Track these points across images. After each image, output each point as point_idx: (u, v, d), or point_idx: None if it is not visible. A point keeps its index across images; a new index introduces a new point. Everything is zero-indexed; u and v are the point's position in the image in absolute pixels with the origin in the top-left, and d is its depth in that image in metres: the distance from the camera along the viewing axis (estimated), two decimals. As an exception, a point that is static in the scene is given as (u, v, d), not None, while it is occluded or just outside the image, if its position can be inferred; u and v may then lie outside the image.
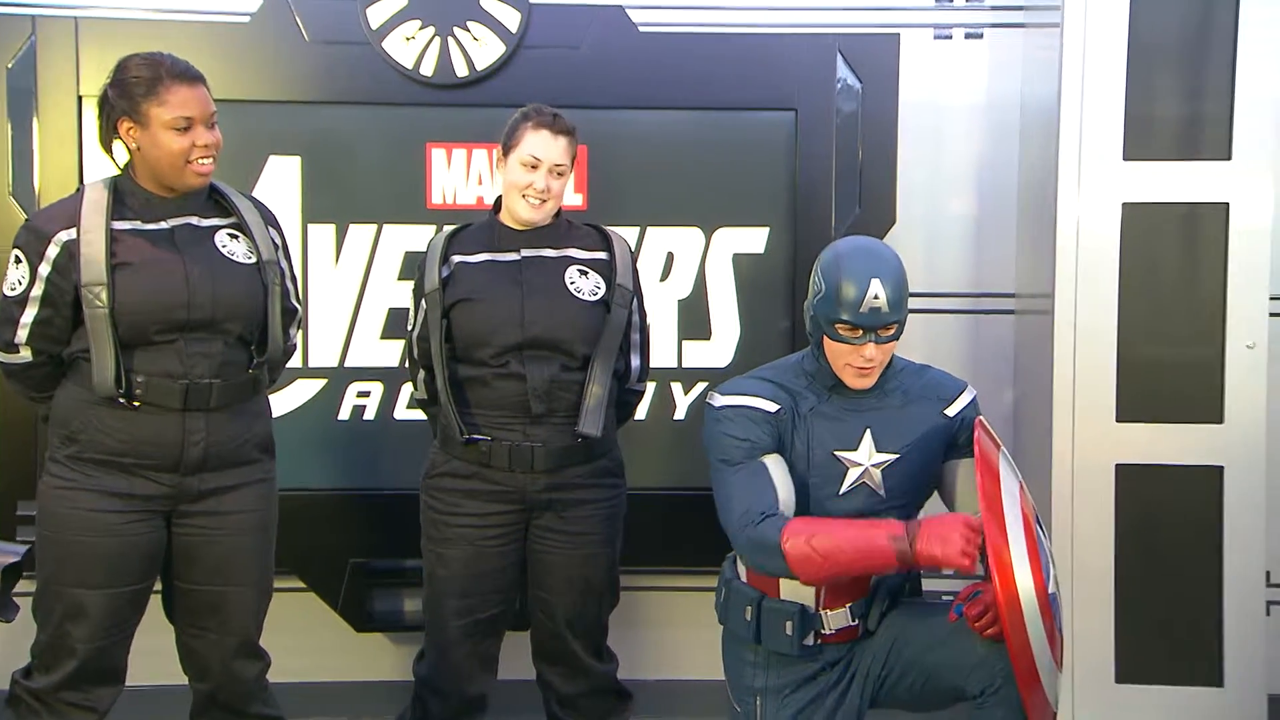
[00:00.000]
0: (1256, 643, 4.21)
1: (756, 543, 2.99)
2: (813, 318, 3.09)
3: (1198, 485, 4.20)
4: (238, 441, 3.30)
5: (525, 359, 3.43)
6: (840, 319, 3.01)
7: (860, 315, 3.00)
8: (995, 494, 2.94)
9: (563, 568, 3.49)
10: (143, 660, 3.41)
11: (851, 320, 3.01)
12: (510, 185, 3.47)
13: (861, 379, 3.09)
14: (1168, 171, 4.20)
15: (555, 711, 3.58)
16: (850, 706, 3.21)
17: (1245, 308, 4.18)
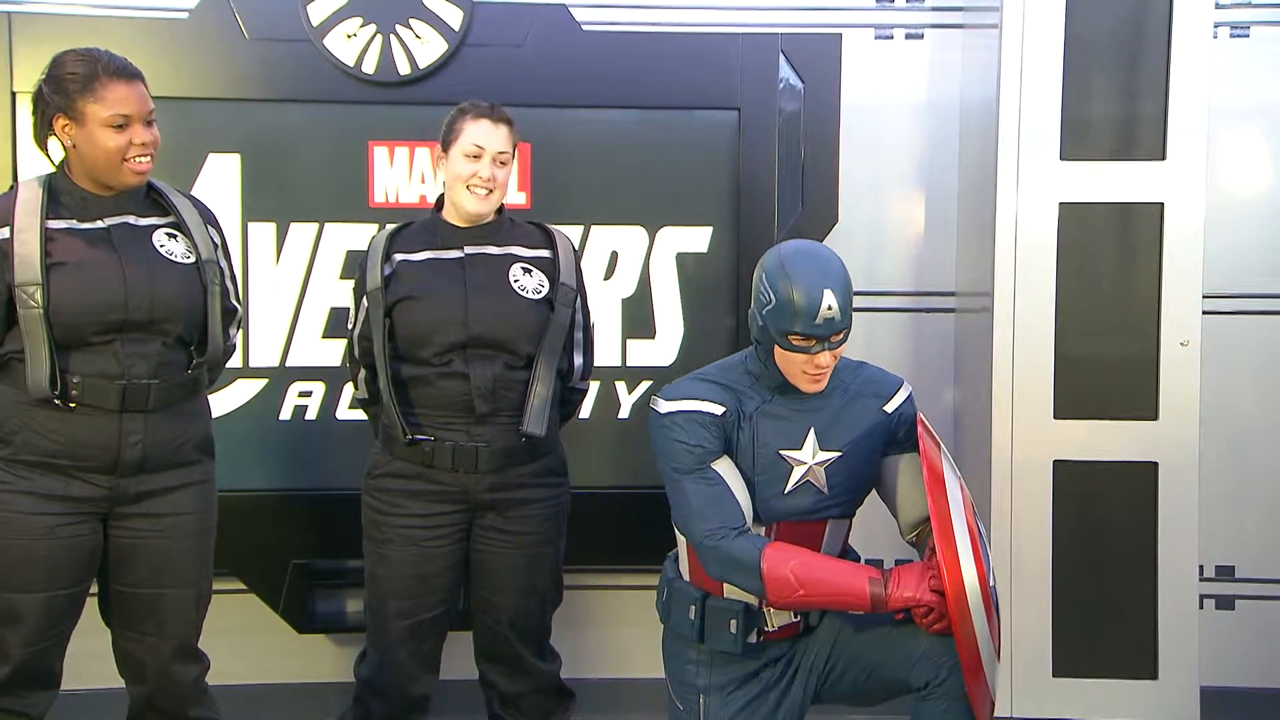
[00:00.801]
0: (1190, 635, 4.25)
1: (729, 557, 3.01)
2: (762, 327, 3.06)
3: (1133, 481, 4.24)
4: (176, 443, 3.25)
5: (469, 358, 3.41)
6: (794, 331, 3.00)
7: (814, 327, 3.00)
8: (940, 491, 2.98)
9: (506, 568, 3.47)
10: (78, 664, 3.37)
11: (805, 332, 3.00)
12: (454, 178, 3.44)
13: (815, 384, 3.09)
14: (1104, 171, 4.23)
15: (498, 711, 3.56)
16: (793, 702, 3.23)
17: (1179, 306, 4.22)
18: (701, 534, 3.05)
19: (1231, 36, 4.57)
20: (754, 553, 2.99)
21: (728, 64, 4.37)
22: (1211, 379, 4.30)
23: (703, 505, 3.06)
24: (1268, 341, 4.64)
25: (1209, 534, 4.40)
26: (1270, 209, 4.65)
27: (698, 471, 3.07)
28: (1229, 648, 4.56)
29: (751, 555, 2.99)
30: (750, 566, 2.99)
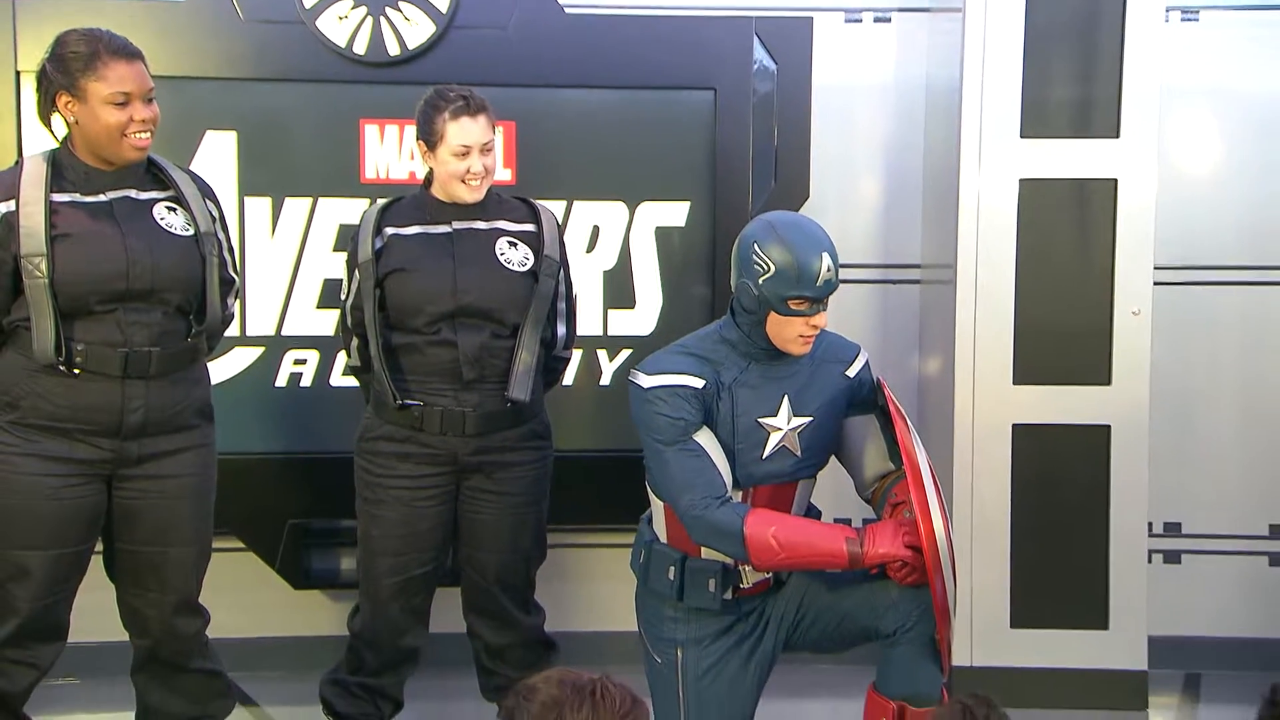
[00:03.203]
0: (1139, 588, 4.30)
1: (714, 526, 3.03)
2: (757, 297, 3.05)
3: (1087, 443, 4.27)
4: (177, 408, 3.25)
5: (457, 327, 3.41)
6: (795, 295, 3.01)
7: (816, 289, 3.02)
8: (912, 448, 3.02)
9: (492, 527, 3.48)
10: (85, 618, 3.38)
11: (806, 295, 3.02)
12: (448, 176, 3.42)
13: (806, 346, 3.11)
14: (1061, 149, 4.25)
15: (484, 662, 3.58)
16: (765, 652, 3.26)
17: (1132, 277, 4.25)
18: (686, 504, 3.07)
19: (1182, 20, 4.58)
20: (736, 521, 3.02)
21: (704, 46, 4.36)
22: (1162, 346, 4.34)
23: (686, 476, 3.06)
24: (1216, 311, 4.66)
25: (1158, 492, 4.43)
26: (1218, 185, 4.67)
27: (680, 443, 3.08)
28: (1175, 599, 4.59)
29: (734, 524, 3.01)
30: (733, 534, 3.02)
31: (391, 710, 3.54)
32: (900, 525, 3.04)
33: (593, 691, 1.97)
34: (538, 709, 1.96)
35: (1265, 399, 4.68)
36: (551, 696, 1.97)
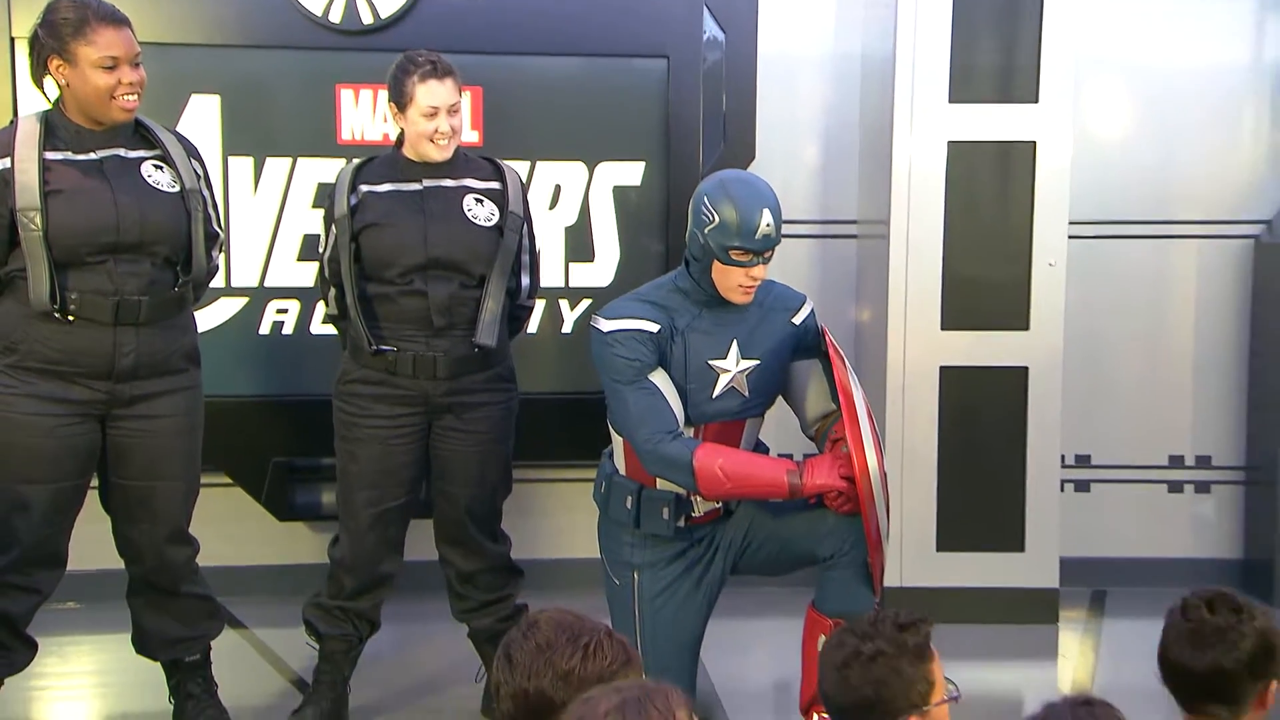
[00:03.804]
0: (1052, 514, 4.36)
1: (668, 459, 3.03)
2: (703, 245, 3.04)
3: (1007, 383, 4.31)
4: (166, 352, 3.20)
5: (428, 278, 3.37)
6: (735, 246, 3.00)
7: (755, 242, 3.00)
8: (849, 389, 3.03)
9: (462, 462, 3.45)
10: (83, 547, 3.34)
11: (746, 246, 3.00)
12: (417, 136, 3.37)
13: (747, 296, 3.09)
14: (986, 114, 4.25)
15: (455, 587, 3.56)
16: (714, 575, 3.26)
17: (1048, 232, 4.27)
18: (641, 439, 3.06)
19: (1097, -4, 4.58)
20: (686, 454, 3.02)
21: (658, 17, 4.33)
22: (1075, 295, 4.36)
23: (642, 413, 3.06)
24: (1123, 262, 4.69)
25: (1070, 427, 4.47)
26: (1127, 148, 4.69)
27: (636, 383, 3.07)
28: (1084, 524, 4.64)
29: (684, 456, 3.02)
30: (684, 466, 3.02)
31: (369, 631, 3.52)
32: (837, 459, 3.05)
33: (586, 644, 1.92)
34: (532, 649, 1.92)
35: (1166, 342, 4.74)
36: (547, 640, 1.93)
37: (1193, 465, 4.76)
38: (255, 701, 3.63)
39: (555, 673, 1.89)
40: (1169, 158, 4.67)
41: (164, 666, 3.41)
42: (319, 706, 3.45)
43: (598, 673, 1.89)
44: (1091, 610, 4.53)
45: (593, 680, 1.87)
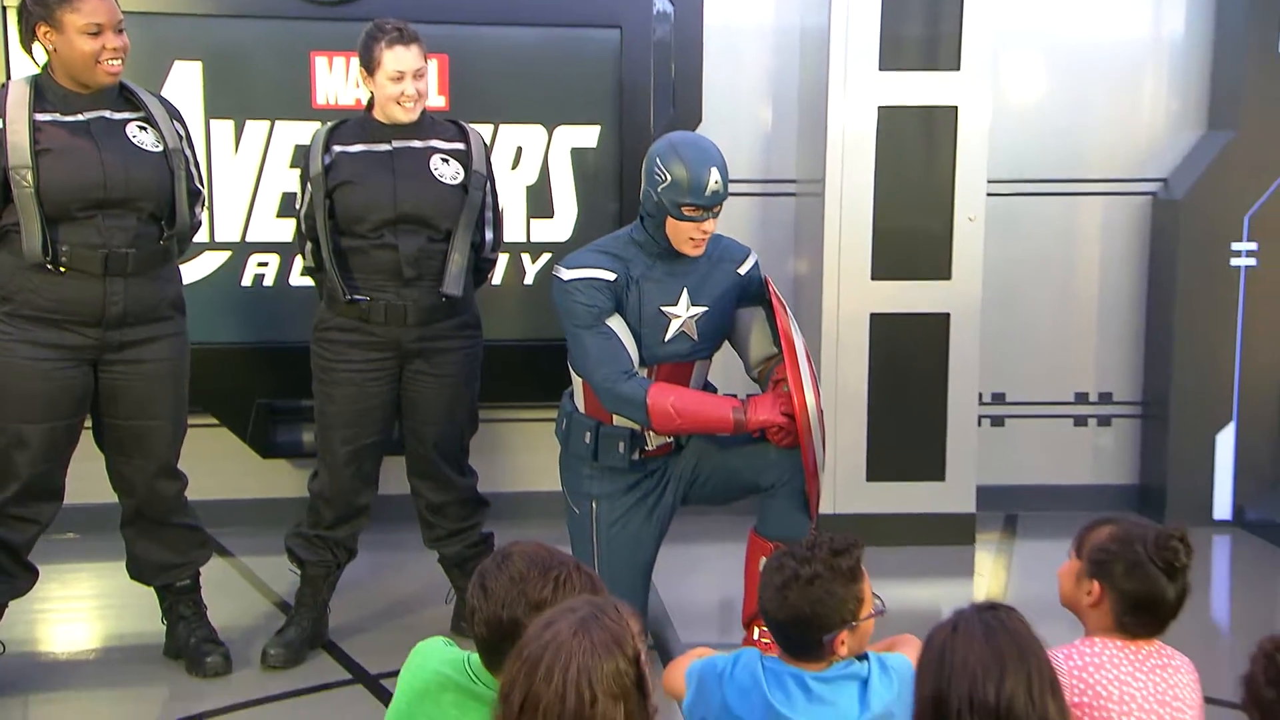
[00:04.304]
0: (969, 447, 4.40)
1: (622, 396, 3.03)
2: (657, 202, 3.03)
3: (930, 328, 4.33)
4: (153, 301, 3.17)
5: (398, 232, 3.33)
6: (687, 202, 2.99)
7: (704, 198, 3.00)
8: (790, 333, 3.03)
9: (431, 402, 3.43)
10: (80, 482, 3.32)
11: (696, 203, 2.99)
12: (386, 99, 3.33)
13: (698, 249, 3.09)
14: (913, 80, 4.24)
15: (426, 517, 3.54)
16: (665, 505, 3.28)
17: (968, 189, 4.28)
18: (599, 378, 3.06)
19: (1015, -29, 4.57)
20: (640, 392, 3.02)
21: (612, -10, 4.28)
22: (992, 247, 4.37)
23: (599, 354, 3.06)
24: (1036, 217, 4.71)
25: (987, 368, 4.50)
26: (1041, 112, 4.69)
27: (594, 327, 3.07)
28: (999, 455, 4.68)
29: (639, 395, 3.02)
30: (638, 403, 3.02)
31: (347, 557, 3.51)
32: (778, 397, 3.06)
33: (557, 576, 1.92)
34: (506, 580, 1.92)
35: (1073, 290, 4.77)
36: (520, 572, 1.92)
37: (1096, 401, 4.81)
38: (242, 622, 3.62)
39: (528, 602, 1.88)
40: (1078, 122, 4.68)
41: (157, 591, 3.39)
42: (300, 626, 3.44)
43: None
44: (1004, 533, 4.59)
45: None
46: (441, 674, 1.97)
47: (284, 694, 3.24)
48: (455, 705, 1.93)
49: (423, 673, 1.99)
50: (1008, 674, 1.73)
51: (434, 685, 1.96)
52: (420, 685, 1.97)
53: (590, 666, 1.59)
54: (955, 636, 1.76)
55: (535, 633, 1.65)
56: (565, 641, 1.61)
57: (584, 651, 1.59)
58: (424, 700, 1.96)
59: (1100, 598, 2.29)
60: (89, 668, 3.47)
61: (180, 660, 3.35)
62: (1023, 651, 1.77)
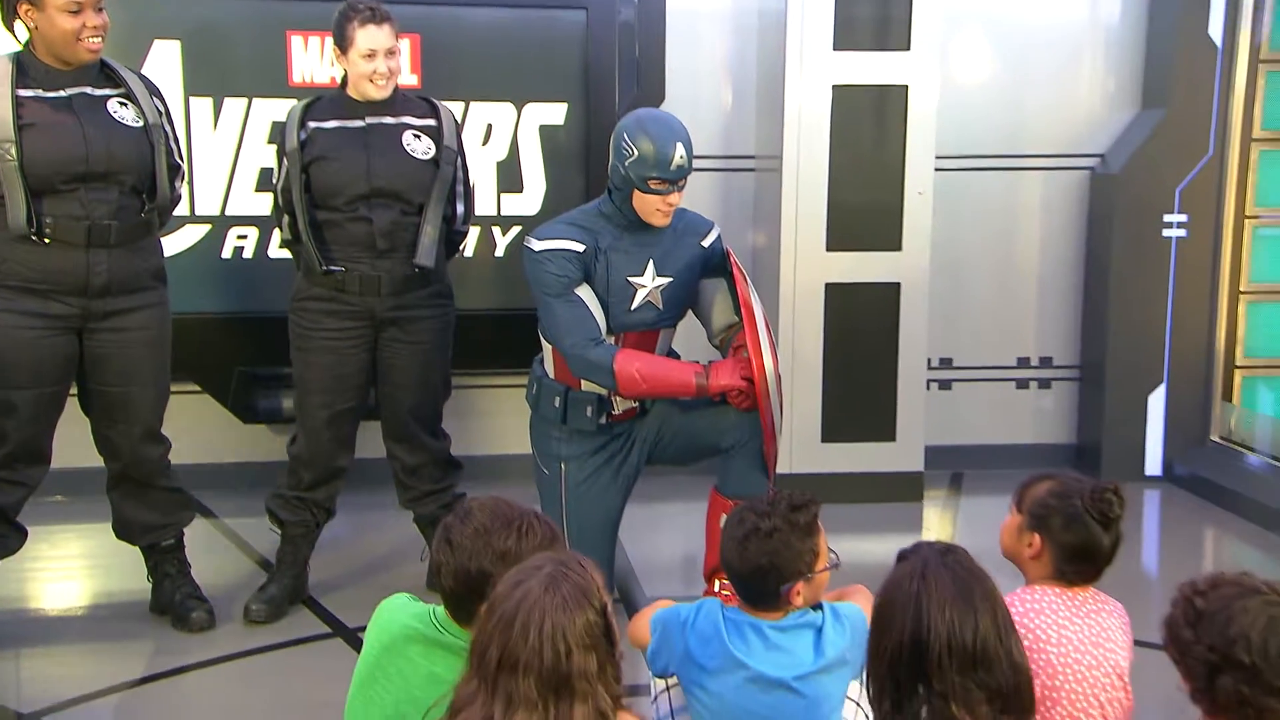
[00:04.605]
0: (919, 409, 4.42)
1: (592, 363, 3.02)
2: (624, 176, 3.01)
3: (882, 297, 4.34)
4: (135, 272, 3.13)
5: (371, 206, 3.29)
6: (653, 176, 2.97)
7: (670, 172, 2.98)
8: (750, 302, 3.03)
9: (405, 369, 3.40)
10: (68, 447, 3.28)
11: (662, 176, 2.98)
12: (359, 77, 3.28)
13: (665, 219, 3.07)
14: (865, 60, 4.22)
15: (401, 478, 3.52)
16: (631, 466, 3.27)
17: (917, 165, 4.28)
18: (568, 345, 3.05)
19: (962, -45, 4.55)
20: (607, 358, 3.01)
21: (578, -28, 4.23)
22: (940, 220, 4.38)
23: (569, 322, 3.04)
24: (982, 191, 4.72)
25: (935, 335, 4.53)
26: (987, 91, 4.69)
27: (564, 296, 3.04)
28: (946, 417, 4.72)
29: (606, 360, 3.01)
30: (605, 369, 3.01)
31: (325, 518, 3.49)
32: (738, 362, 3.05)
33: (519, 526, 1.93)
34: (470, 533, 1.92)
35: (1015, 261, 4.80)
36: (483, 525, 1.92)
37: (1037, 365, 4.84)
38: (225, 580, 3.59)
39: (493, 552, 1.89)
40: (1020, 101, 4.69)
41: (142, 551, 3.36)
42: (282, 583, 3.43)
43: (531, 550, 1.90)
44: (951, 489, 4.62)
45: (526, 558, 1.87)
46: (409, 627, 1.97)
47: (266, 647, 3.22)
48: (423, 655, 1.93)
49: (391, 626, 1.99)
50: (981, 616, 1.76)
51: (401, 638, 1.96)
52: (388, 639, 1.97)
53: (563, 622, 1.60)
54: (927, 584, 1.77)
55: (506, 591, 1.65)
56: (537, 599, 1.61)
57: (556, 608, 1.60)
58: (391, 653, 1.96)
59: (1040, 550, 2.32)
60: (78, 623, 3.45)
61: (166, 616, 3.34)
62: (987, 593, 1.80)
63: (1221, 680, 1.73)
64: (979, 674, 1.74)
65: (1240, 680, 1.71)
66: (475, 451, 4.18)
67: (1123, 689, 2.28)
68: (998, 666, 1.76)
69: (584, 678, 1.59)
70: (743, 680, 2.16)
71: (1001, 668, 1.76)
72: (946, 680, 1.74)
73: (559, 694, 1.58)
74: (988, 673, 1.75)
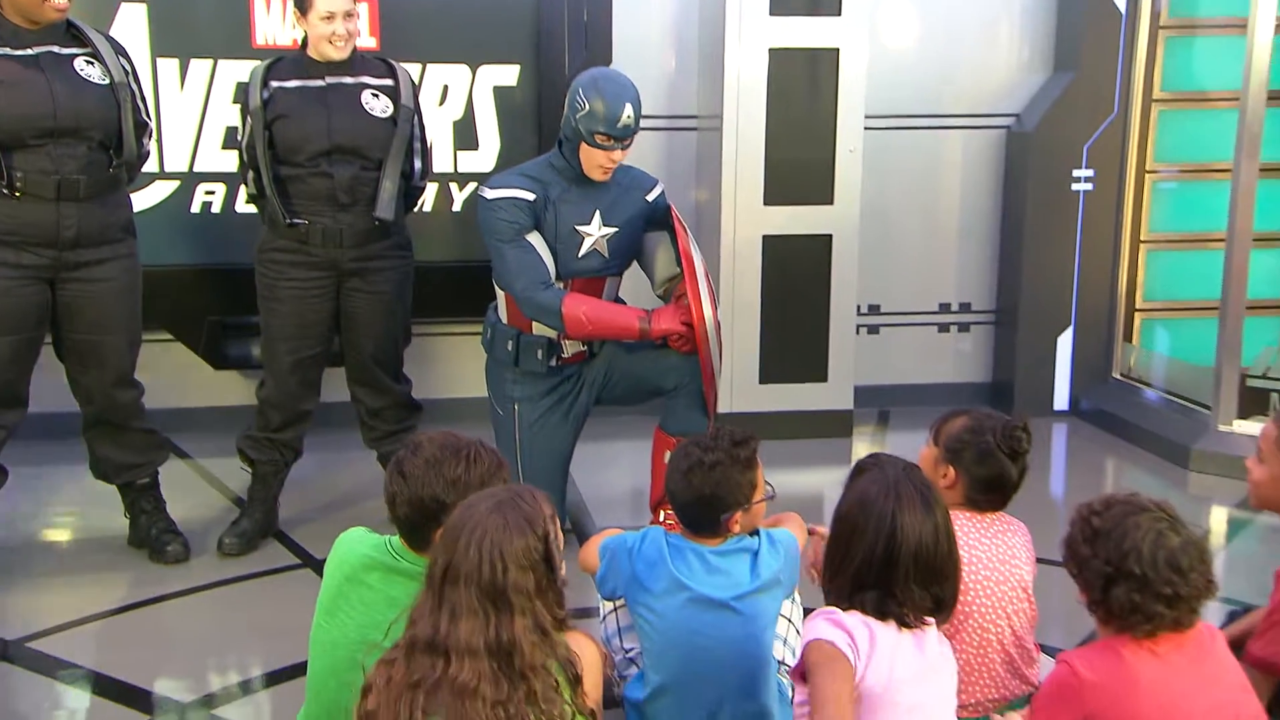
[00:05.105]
0: (849, 352, 4.44)
1: (541, 305, 3.00)
2: (574, 129, 2.97)
3: (815, 248, 4.33)
4: (104, 225, 3.04)
5: (332, 161, 3.22)
6: (600, 131, 2.94)
7: (616, 129, 2.95)
8: (689, 253, 3.01)
9: (367, 317, 3.34)
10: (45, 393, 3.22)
11: (609, 133, 2.94)
12: (318, 38, 3.20)
13: (606, 175, 3.05)
14: (800, 24, 4.18)
15: (365, 419, 3.48)
16: (580, 406, 3.26)
17: (848, 124, 4.25)
18: (519, 287, 3.02)
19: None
20: (556, 300, 2.99)
21: (529, -60, 4.14)
22: (869, 175, 4.37)
23: (519, 266, 3.01)
24: (908, 148, 4.70)
25: (864, 283, 4.53)
26: (913, 54, 4.66)
27: (515, 242, 3.01)
28: (874, 359, 4.74)
29: (554, 303, 2.99)
30: (554, 311, 2.99)
31: (293, 457, 3.45)
32: (679, 309, 3.04)
33: (467, 454, 1.93)
34: (422, 463, 1.92)
35: (937, 213, 4.80)
36: (433, 455, 1.92)
37: (957, 311, 4.88)
38: (200, 516, 3.55)
39: (445, 480, 1.89)
40: (943, 64, 4.67)
41: (119, 489, 3.31)
42: (253, 518, 3.39)
43: (480, 476, 1.91)
44: (878, 426, 4.66)
45: (476, 483, 1.88)
46: (367, 557, 1.96)
47: (239, 577, 3.20)
48: (382, 582, 1.93)
49: (350, 557, 1.98)
50: (940, 532, 1.82)
51: (360, 568, 1.95)
52: (348, 569, 1.96)
53: (501, 541, 1.61)
54: (901, 500, 1.82)
55: (459, 512, 1.66)
56: (482, 518, 1.63)
57: (498, 528, 1.62)
58: (353, 582, 1.95)
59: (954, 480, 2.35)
60: (61, 557, 3.40)
61: (143, 549, 3.29)
62: (944, 509, 1.86)
63: (1115, 590, 1.78)
64: (933, 584, 1.81)
65: (1132, 589, 1.76)
66: (435, 395, 4.14)
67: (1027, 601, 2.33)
68: (948, 578, 1.83)
69: (521, 593, 1.61)
70: (685, 601, 2.17)
71: (950, 579, 1.83)
72: (907, 587, 1.80)
73: (497, 606, 1.60)
74: (939, 583, 1.82)
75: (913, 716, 1.77)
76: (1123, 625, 1.79)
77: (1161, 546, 1.76)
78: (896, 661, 1.77)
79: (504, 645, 1.58)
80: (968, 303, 4.87)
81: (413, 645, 1.61)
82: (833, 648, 1.74)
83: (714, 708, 2.16)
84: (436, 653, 1.59)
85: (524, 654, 1.59)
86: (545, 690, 1.60)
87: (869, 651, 1.75)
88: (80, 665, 2.72)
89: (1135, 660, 1.77)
